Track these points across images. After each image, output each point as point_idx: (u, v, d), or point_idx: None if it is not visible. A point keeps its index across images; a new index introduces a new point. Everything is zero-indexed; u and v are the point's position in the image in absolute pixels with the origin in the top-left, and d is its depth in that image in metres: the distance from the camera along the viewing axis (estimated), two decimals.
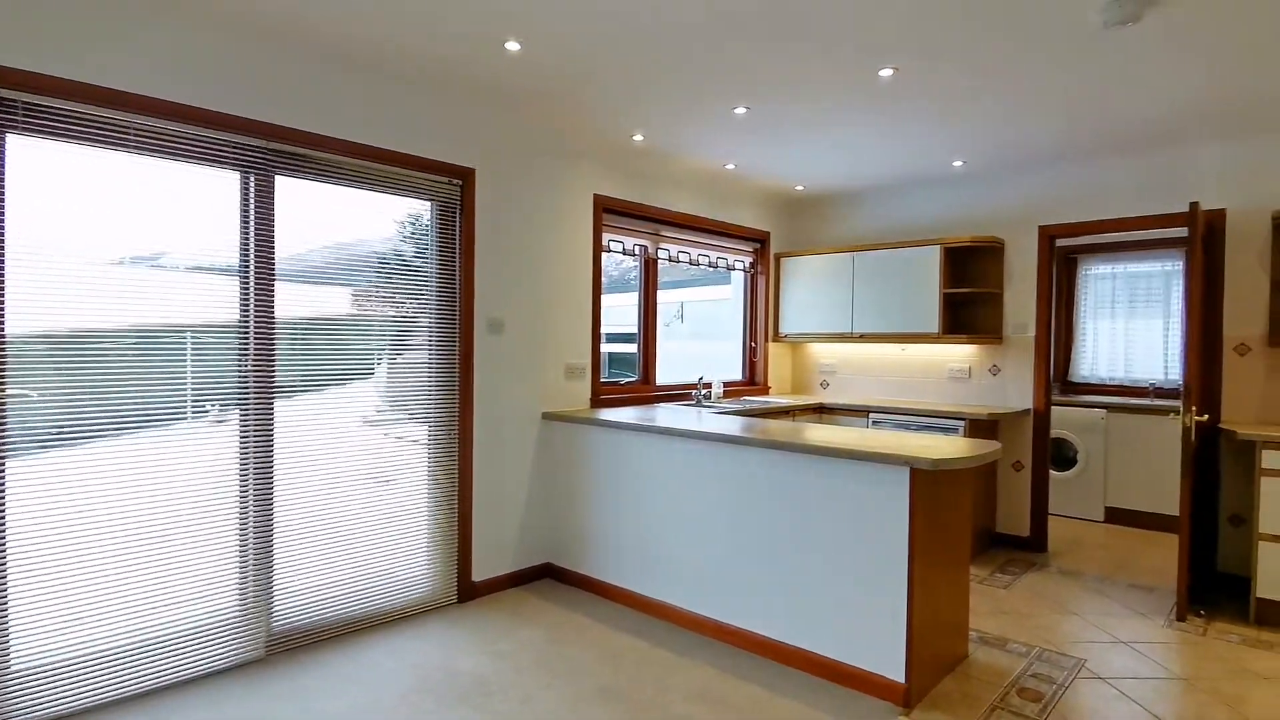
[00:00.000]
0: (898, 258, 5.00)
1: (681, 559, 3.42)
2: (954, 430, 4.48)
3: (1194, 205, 3.52)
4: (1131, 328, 5.92)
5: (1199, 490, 3.95)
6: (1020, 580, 4.11)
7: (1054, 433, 5.64)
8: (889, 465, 2.68)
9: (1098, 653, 3.15)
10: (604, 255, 4.51)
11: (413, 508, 3.51)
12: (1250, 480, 3.93)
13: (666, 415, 3.97)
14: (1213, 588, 3.99)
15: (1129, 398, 5.74)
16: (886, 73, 3.04)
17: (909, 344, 5.18)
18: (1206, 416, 3.77)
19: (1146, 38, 2.69)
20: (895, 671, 2.68)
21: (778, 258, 5.71)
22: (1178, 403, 5.35)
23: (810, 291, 5.49)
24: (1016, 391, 4.77)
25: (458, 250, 3.63)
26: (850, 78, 3.12)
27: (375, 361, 3.37)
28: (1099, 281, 6.07)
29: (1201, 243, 3.97)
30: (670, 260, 5.01)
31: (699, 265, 5.24)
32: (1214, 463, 4.05)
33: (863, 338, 5.18)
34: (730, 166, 4.65)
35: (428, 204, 3.56)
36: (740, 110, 3.55)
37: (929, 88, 3.22)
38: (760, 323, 5.71)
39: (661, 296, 5.02)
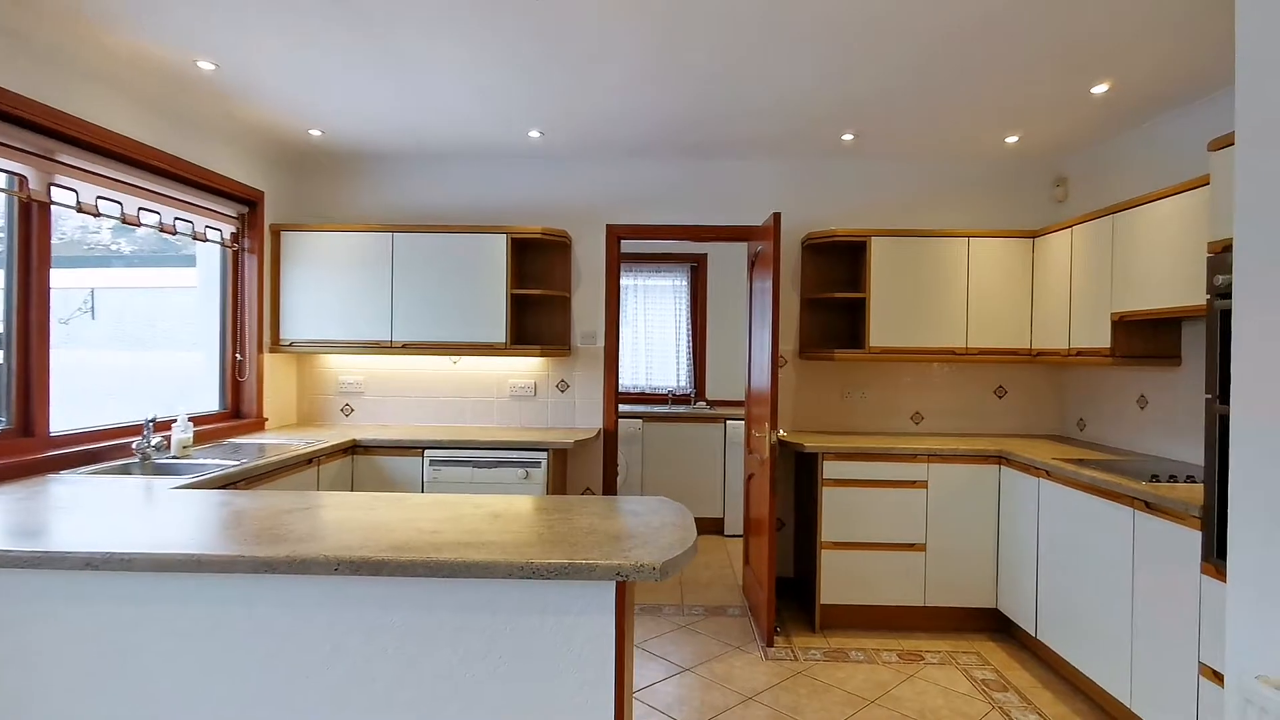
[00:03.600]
0: (456, 245, 3.89)
1: None
2: (535, 465, 3.62)
3: (776, 217, 3.43)
4: (650, 337, 6.12)
5: (752, 498, 3.99)
6: None
7: None
8: (585, 581, 1.58)
9: None
10: None
11: None
12: (792, 486, 4.15)
13: (76, 506, 2.00)
14: None
15: (654, 405, 5.90)
16: None
17: (464, 356, 4.12)
18: (783, 432, 3.78)
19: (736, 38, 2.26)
20: None
21: (276, 230, 3.95)
22: (691, 408, 5.64)
23: (329, 282, 3.93)
24: (586, 409, 4.21)
25: None
26: None
27: None
28: (623, 292, 6.12)
29: (752, 263, 4.02)
30: (80, 209, 2.82)
31: (141, 225, 3.14)
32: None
33: (405, 348, 3.90)
34: (208, 66, 2.81)
35: None
36: None
37: None
38: (249, 324, 3.86)
39: (65, 277, 2.82)
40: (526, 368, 4.22)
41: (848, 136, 3.65)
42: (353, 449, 3.64)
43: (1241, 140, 1.03)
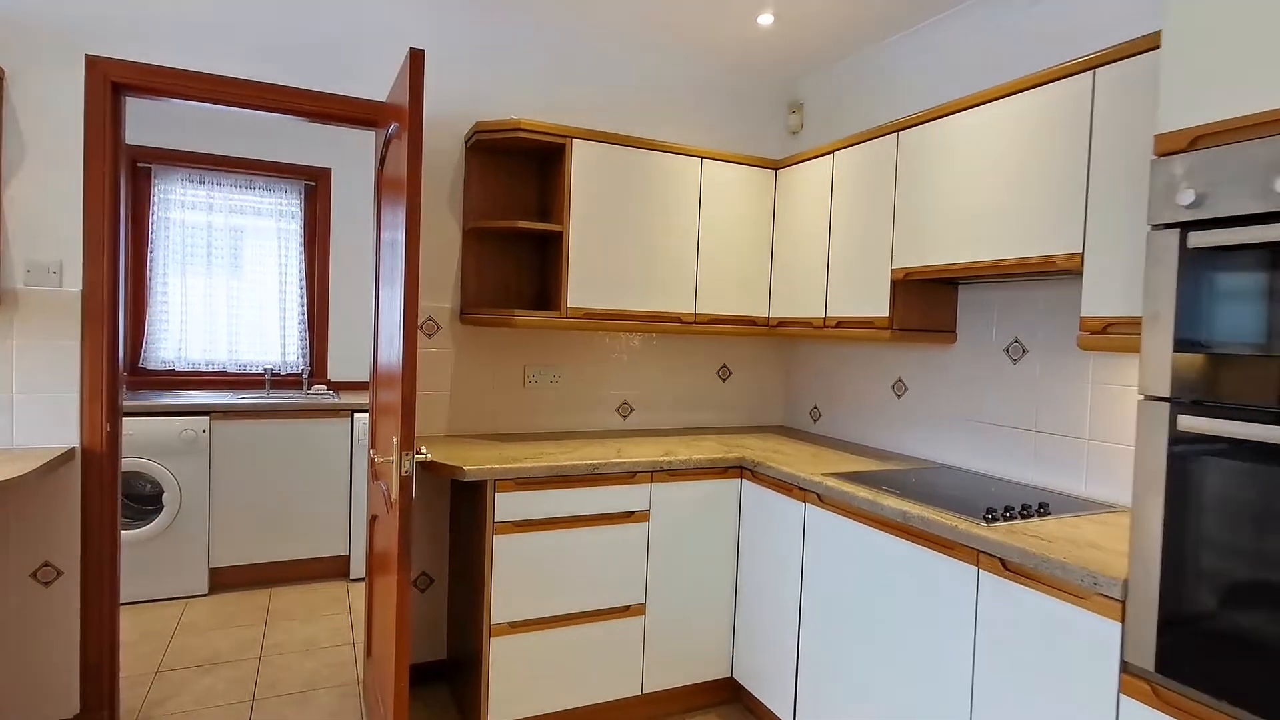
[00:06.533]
0: None
1: None
2: None
3: (415, 59, 1.87)
4: (237, 290, 4.04)
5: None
6: None
7: (125, 463, 3.22)
8: None
9: None
10: None
11: None
12: (447, 518, 2.67)
13: None
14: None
15: (241, 391, 3.87)
16: None
17: None
18: (429, 454, 2.24)
19: None
20: None
21: None
22: (304, 395, 3.80)
23: None
24: (41, 413, 2.17)
25: None
26: None
27: None
28: (190, 216, 3.92)
29: (381, 162, 2.41)
30: None
31: None
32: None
33: None
34: None
35: None
36: None
37: None
38: None
39: None
40: None
41: None
42: None
43: None
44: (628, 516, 2.33)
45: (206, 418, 3.37)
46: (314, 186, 4.13)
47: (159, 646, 2.89)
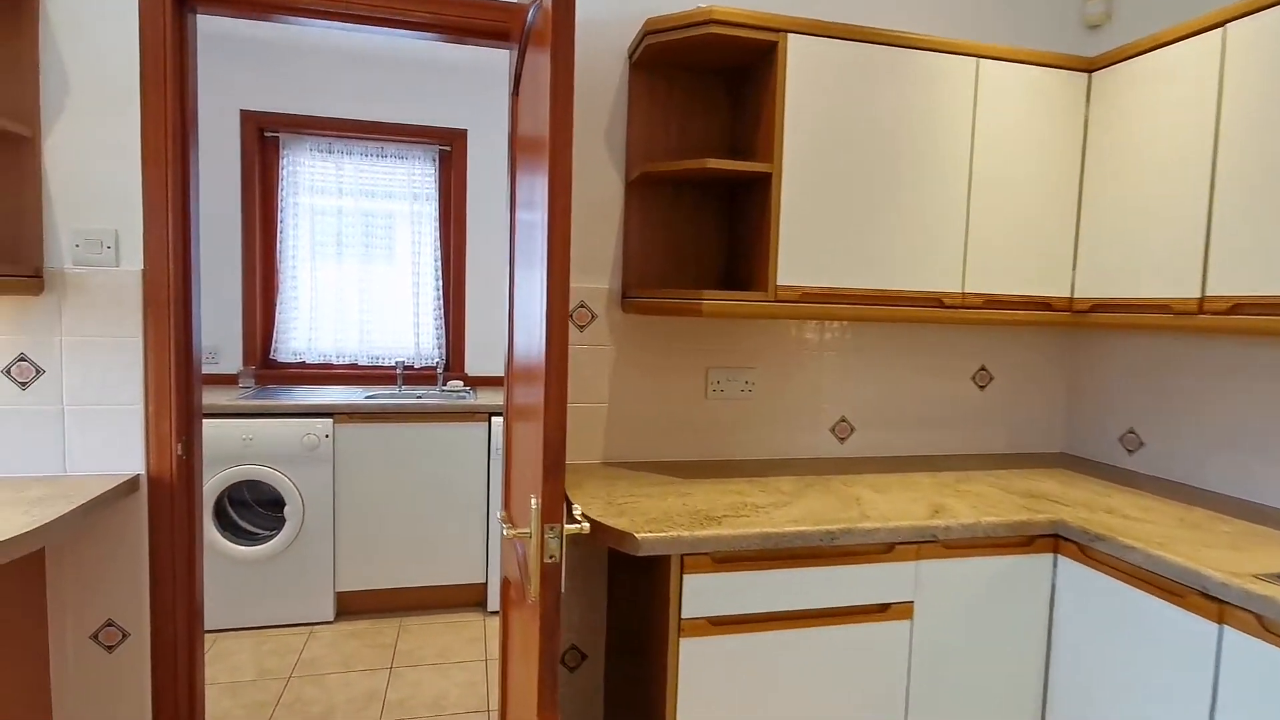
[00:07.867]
0: None
1: None
2: None
3: None
4: (368, 274, 3.59)
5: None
6: None
7: (245, 470, 2.83)
8: None
9: None
10: None
11: None
12: (605, 575, 1.97)
13: None
14: None
15: (372, 386, 3.43)
16: None
17: None
18: (586, 521, 1.52)
19: None
20: None
21: None
22: (438, 392, 3.27)
23: None
24: (84, 432, 1.68)
25: None
26: None
27: None
28: (320, 201, 3.50)
29: (516, 92, 1.71)
30: None
31: None
32: None
33: None
34: None
35: None
36: None
37: None
38: None
39: None
40: None
41: None
42: None
43: None
44: (881, 611, 1.50)
45: (330, 420, 2.91)
46: (448, 152, 3.58)
47: (272, 696, 2.43)
